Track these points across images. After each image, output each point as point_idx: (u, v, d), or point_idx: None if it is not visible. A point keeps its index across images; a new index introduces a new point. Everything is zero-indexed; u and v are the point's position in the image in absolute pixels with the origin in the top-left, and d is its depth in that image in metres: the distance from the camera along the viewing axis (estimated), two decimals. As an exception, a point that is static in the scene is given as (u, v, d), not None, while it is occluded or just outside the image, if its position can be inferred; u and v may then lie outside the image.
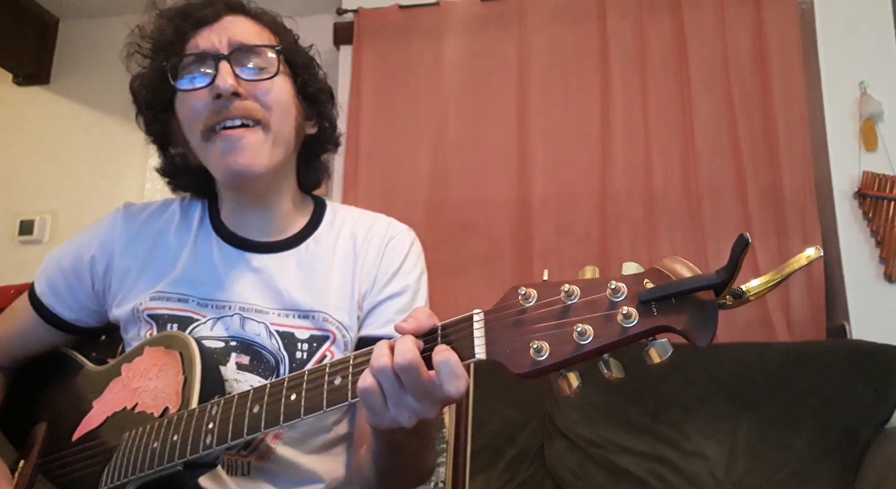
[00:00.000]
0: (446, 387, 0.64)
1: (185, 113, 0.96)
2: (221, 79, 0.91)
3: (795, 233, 2.17)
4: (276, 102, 0.95)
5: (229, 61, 0.92)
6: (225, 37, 0.95)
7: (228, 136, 0.92)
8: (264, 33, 0.99)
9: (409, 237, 1.07)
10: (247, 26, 0.98)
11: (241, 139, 0.92)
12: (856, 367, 1.83)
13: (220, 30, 0.96)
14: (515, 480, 1.94)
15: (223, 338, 0.97)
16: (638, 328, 0.56)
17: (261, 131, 0.93)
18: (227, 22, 0.97)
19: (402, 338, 0.67)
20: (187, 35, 0.96)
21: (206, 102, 0.93)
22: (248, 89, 0.93)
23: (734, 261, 0.53)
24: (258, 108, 0.93)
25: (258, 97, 0.94)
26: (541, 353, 0.60)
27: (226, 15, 0.98)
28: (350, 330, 0.99)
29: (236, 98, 0.92)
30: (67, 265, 1.06)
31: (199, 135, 0.94)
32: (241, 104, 0.92)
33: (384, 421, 0.68)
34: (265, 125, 0.94)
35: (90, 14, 3.04)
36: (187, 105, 0.95)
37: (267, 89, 0.95)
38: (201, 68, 0.94)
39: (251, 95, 0.93)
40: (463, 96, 2.49)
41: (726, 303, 0.56)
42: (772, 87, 2.26)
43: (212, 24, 0.96)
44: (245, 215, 1.03)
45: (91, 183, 2.87)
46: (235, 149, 0.92)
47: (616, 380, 0.59)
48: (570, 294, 0.60)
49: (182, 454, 0.79)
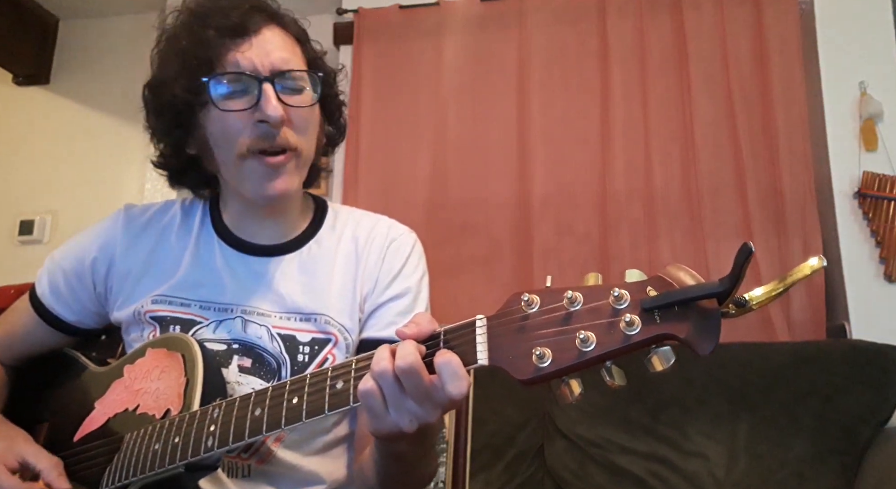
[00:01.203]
0: (448, 388, 0.64)
1: (220, 129, 0.92)
2: (272, 107, 0.89)
3: (795, 233, 2.17)
4: (311, 130, 0.96)
5: (272, 84, 0.90)
6: (266, 56, 0.92)
7: (273, 163, 0.92)
8: (296, 49, 0.97)
9: (410, 239, 1.07)
10: (281, 42, 0.95)
11: (281, 167, 0.92)
12: (856, 367, 1.84)
13: (260, 46, 0.92)
14: (515, 480, 1.94)
15: (225, 341, 0.97)
16: (641, 336, 0.57)
17: (296, 158, 0.94)
18: (265, 36, 0.93)
19: (404, 342, 0.67)
20: (225, 46, 0.92)
21: (245, 123, 0.91)
22: (290, 116, 0.92)
23: (737, 270, 0.53)
24: (297, 138, 0.93)
25: (298, 126, 0.93)
26: (543, 360, 0.60)
27: (263, 27, 0.94)
28: (352, 332, 0.99)
29: (281, 125, 0.91)
30: (69, 267, 1.05)
31: (236, 154, 0.92)
32: (287, 132, 0.92)
33: (385, 425, 0.68)
34: (299, 152, 0.94)
35: (90, 14, 3.03)
36: (224, 123, 0.92)
37: (306, 118, 0.95)
38: (240, 87, 0.91)
39: (292, 124, 0.93)
40: (463, 96, 2.49)
41: (729, 311, 0.56)
42: (772, 87, 2.26)
43: (251, 37, 0.92)
44: (252, 221, 1.03)
45: (91, 183, 2.87)
46: (276, 176, 0.92)
47: (618, 387, 0.59)
48: (572, 301, 0.61)
49: (183, 456, 0.80)
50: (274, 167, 0.92)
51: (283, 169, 0.93)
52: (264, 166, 0.92)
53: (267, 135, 0.91)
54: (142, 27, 2.90)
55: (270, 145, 0.91)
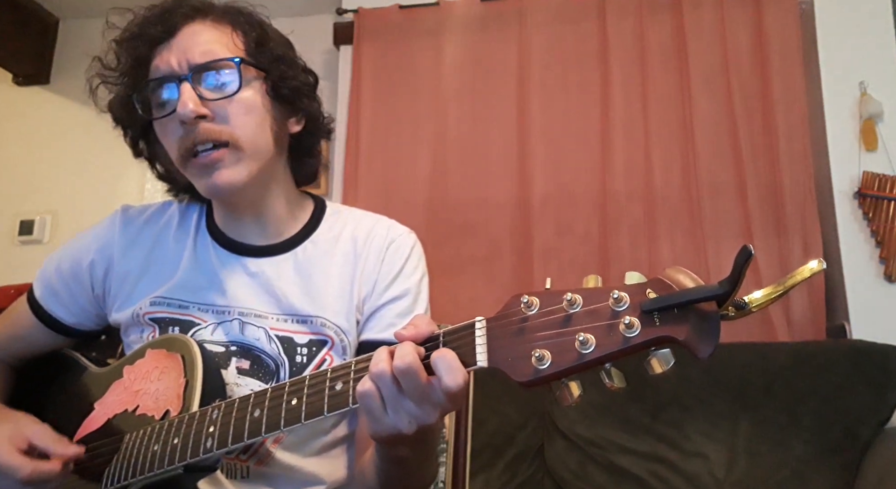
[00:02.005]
0: (445, 381, 0.64)
1: (161, 138, 0.95)
2: (182, 105, 0.88)
3: (795, 233, 2.17)
4: (243, 118, 0.92)
5: (190, 82, 0.89)
6: (183, 55, 0.91)
7: (201, 162, 0.90)
8: (224, 38, 0.94)
9: (410, 240, 1.06)
10: (206, 35, 0.93)
11: (216, 163, 0.90)
12: (856, 367, 1.83)
13: (177, 47, 0.91)
14: (515, 480, 1.94)
15: (223, 343, 0.97)
16: (640, 338, 0.57)
17: (231, 152, 0.91)
18: (183, 35, 0.92)
19: (402, 344, 0.67)
20: (148, 57, 0.92)
21: (174, 127, 0.91)
22: (213, 108, 0.90)
23: (737, 272, 0.53)
24: (223, 130, 0.90)
25: (225, 116, 0.91)
26: (542, 362, 0.60)
27: (182, 26, 0.92)
28: (348, 334, 0.98)
29: (201, 121, 0.89)
30: (67, 269, 1.05)
31: (176, 158, 0.93)
32: (206, 127, 0.89)
33: (384, 427, 0.68)
34: (234, 145, 0.91)
35: (90, 14, 3.03)
36: (161, 131, 0.94)
37: (234, 106, 0.91)
38: (165, 92, 0.91)
39: (217, 115, 0.90)
40: (463, 96, 2.49)
41: (728, 314, 0.56)
42: (772, 87, 2.26)
43: (168, 40, 0.92)
44: (239, 221, 1.02)
45: (91, 183, 2.87)
46: (210, 172, 0.91)
47: (617, 389, 0.59)
48: (572, 302, 0.61)
49: (183, 457, 0.80)
50: (206, 165, 0.90)
51: (219, 163, 0.90)
52: (198, 165, 0.91)
53: (189, 134, 0.89)
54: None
55: (193, 141, 0.89)
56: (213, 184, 0.91)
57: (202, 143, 0.90)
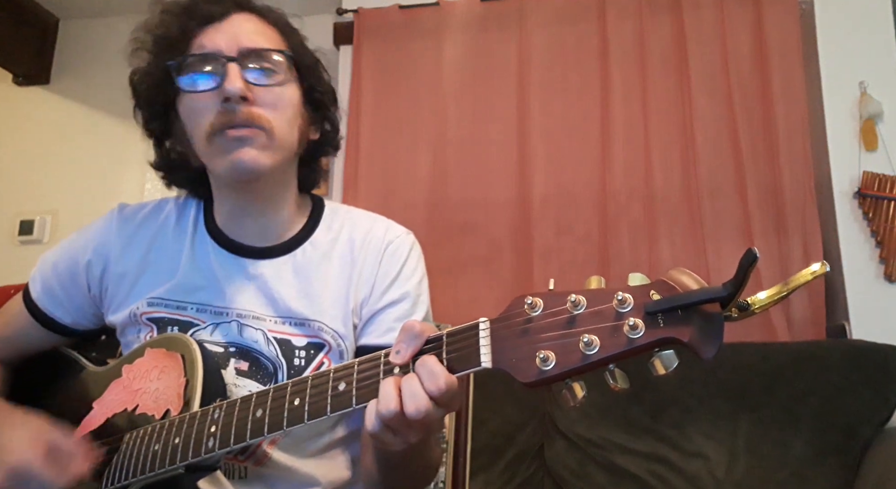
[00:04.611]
0: (427, 386, 0.65)
1: (189, 113, 0.94)
2: (230, 82, 0.89)
3: (795, 233, 2.17)
4: (283, 110, 0.94)
5: (238, 64, 0.91)
6: (233, 38, 0.93)
7: (236, 135, 0.90)
8: (271, 33, 0.97)
9: (408, 241, 1.05)
10: (254, 25, 0.96)
11: (247, 139, 0.91)
12: (856, 367, 1.83)
13: (228, 30, 0.93)
14: (515, 480, 1.94)
15: (222, 344, 0.97)
16: (644, 339, 0.57)
17: (265, 136, 0.92)
18: (234, 21, 0.95)
19: (409, 382, 0.67)
20: (193, 32, 0.94)
21: (212, 104, 0.91)
22: (256, 94, 0.91)
23: (741, 274, 0.53)
24: (264, 115, 0.92)
25: (266, 103, 0.92)
26: (547, 363, 0.60)
27: (234, 12, 0.95)
28: (345, 339, 0.98)
29: (244, 102, 0.90)
30: (63, 269, 1.04)
31: (204, 135, 0.92)
32: (248, 109, 0.90)
33: (394, 444, 0.71)
34: (269, 131, 0.92)
35: (90, 14, 3.03)
36: (192, 105, 0.93)
37: (276, 96, 0.94)
38: (207, 69, 0.92)
39: (258, 101, 0.92)
40: (463, 96, 2.49)
41: (732, 315, 0.56)
42: (772, 87, 2.26)
43: (218, 22, 0.94)
44: (242, 220, 1.01)
45: (91, 183, 2.87)
46: (239, 146, 0.91)
47: (621, 390, 0.59)
48: (576, 304, 0.61)
49: (184, 457, 0.79)
50: (238, 139, 0.90)
51: (249, 141, 0.91)
52: (228, 139, 0.91)
53: (230, 111, 0.90)
54: (142, 27, 2.91)
55: (232, 120, 0.90)
56: (238, 159, 0.91)
57: (241, 124, 0.90)
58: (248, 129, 0.91)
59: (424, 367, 0.65)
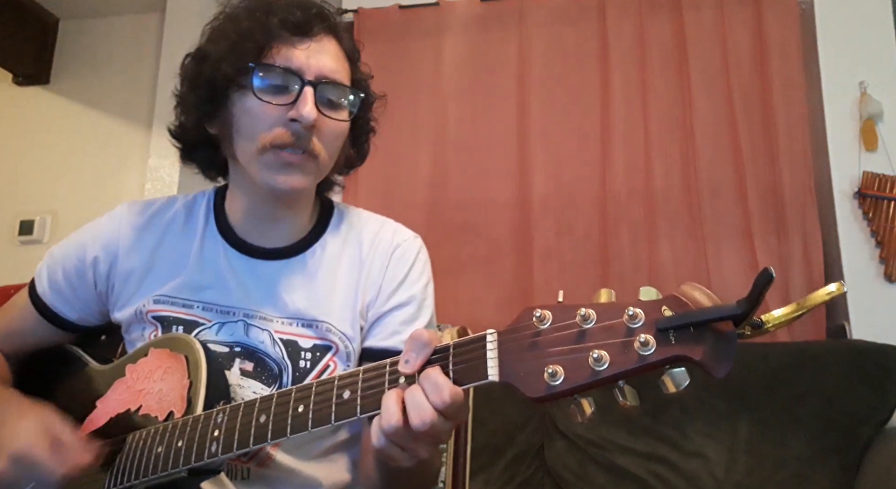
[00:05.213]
0: (432, 399, 0.64)
1: (248, 113, 0.92)
2: (307, 107, 0.89)
3: (795, 233, 2.17)
4: (335, 142, 0.97)
5: (314, 89, 0.91)
6: (317, 62, 0.93)
7: (289, 159, 0.92)
8: (345, 64, 0.98)
9: (415, 245, 1.06)
10: (335, 53, 0.96)
11: (298, 165, 0.92)
12: (856, 367, 1.84)
13: (314, 51, 0.93)
14: (515, 480, 1.94)
15: (227, 344, 0.97)
16: (655, 356, 0.55)
17: (314, 162, 0.94)
18: (320, 43, 0.95)
19: (412, 393, 0.66)
20: (282, 38, 0.93)
21: (277, 117, 0.91)
22: (320, 124, 0.92)
23: (756, 293, 0.52)
24: (320, 146, 0.93)
25: (325, 134, 0.94)
26: (555, 378, 0.59)
27: (321, 34, 0.95)
28: (353, 341, 0.98)
29: (311, 130, 0.91)
30: (70, 266, 1.04)
31: (258, 143, 0.92)
32: (311, 138, 0.92)
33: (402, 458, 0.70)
34: (318, 160, 0.94)
35: (90, 14, 3.02)
36: (256, 110, 0.92)
37: (336, 131, 0.96)
38: (282, 82, 0.91)
39: (320, 130, 0.93)
40: (463, 96, 2.49)
41: (745, 333, 0.55)
42: (772, 87, 2.26)
43: (307, 39, 0.93)
44: (258, 222, 1.01)
45: (91, 183, 2.86)
46: (289, 171, 0.92)
47: (631, 407, 0.58)
48: (586, 318, 0.59)
49: (187, 461, 0.79)
50: (290, 164, 0.92)
51: (300, 168, 0.93)
52: (280, 159, 0.92)
53: (295, 133, 0.91)
54: (142, 27, 2.90)
55: (293, 142, 0.91)
56: (285, 182, 0.92)
57: (299, 148, 0.92)
58: (303, 156, 0.92)
59: (428, 380, 0.65)
